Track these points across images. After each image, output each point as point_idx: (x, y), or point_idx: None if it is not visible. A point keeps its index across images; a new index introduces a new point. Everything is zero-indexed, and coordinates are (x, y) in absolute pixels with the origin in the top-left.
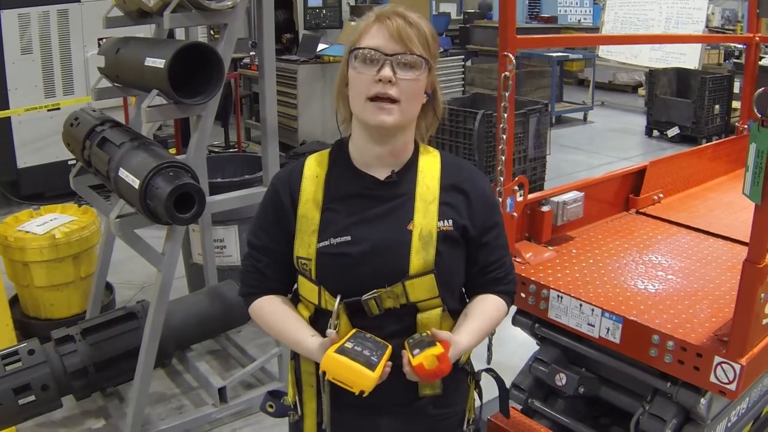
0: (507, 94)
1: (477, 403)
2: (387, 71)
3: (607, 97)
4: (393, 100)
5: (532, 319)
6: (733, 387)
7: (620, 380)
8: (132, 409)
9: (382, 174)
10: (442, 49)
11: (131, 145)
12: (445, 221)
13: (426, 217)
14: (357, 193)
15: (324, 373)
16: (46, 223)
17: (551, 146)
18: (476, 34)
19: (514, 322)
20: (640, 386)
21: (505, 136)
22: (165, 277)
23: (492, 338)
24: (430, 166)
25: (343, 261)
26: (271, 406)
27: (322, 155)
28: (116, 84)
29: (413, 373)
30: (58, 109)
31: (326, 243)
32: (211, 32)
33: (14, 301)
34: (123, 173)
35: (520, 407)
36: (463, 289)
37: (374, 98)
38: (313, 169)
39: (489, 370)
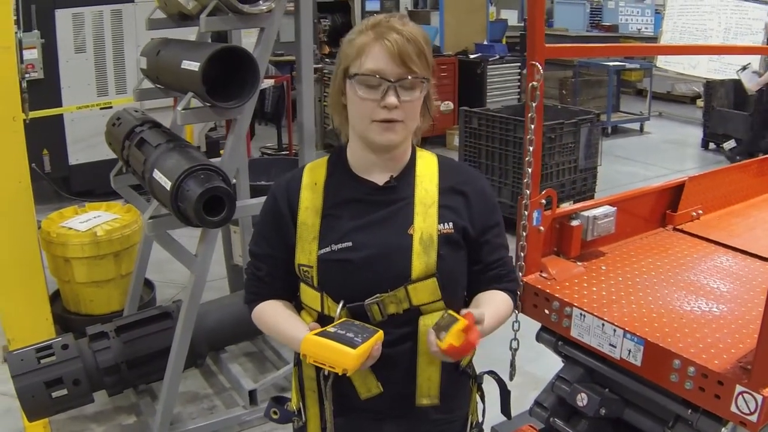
0: (534, 104)
1: (480, 406)
2: (392, 99)
3: (665, 107)
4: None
5: (556, 336)
6: (754, 418)
7: (643, 403)
8: (161, 407)
9: (380, 179)
10: (497, 56)
11: (167, 146)
12: (446, 224)
13: (426, 221)
14: (356, 198)
15: (328, 376)
16: (89, 221)
17: (606, 157)
18: None
19: (538, 339)
20: (663, 411)
21: (531, 148)
22: (197, 279)
23: (515, 353)
24: (428, 169)
25: (345, 267)
26: (275, 413)
27: (320, 162)
28: (158, 85)
29: (444, 355)
30: (110, 107)
31: (327, 249)
32: None
33: (56, 296)
34: (157, 174)
35: (541, 425)
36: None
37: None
38: (312, 176)
39: (490, 373)
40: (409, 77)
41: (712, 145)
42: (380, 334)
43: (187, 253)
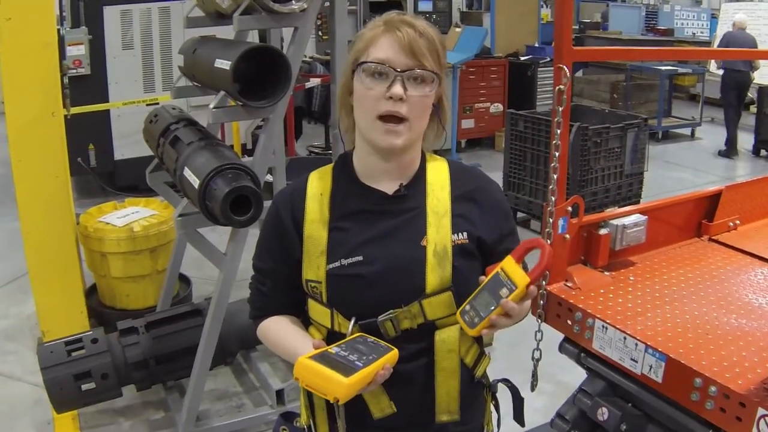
0: (561, 109)
1: (494, 415)
2: (398, 89)
3: (718, 113)
4: (402, 119)
5: (579, 348)
6: None
7: (666, 421)
8: (187, 403)
9: (389, 188)
10: (548, 59)
11: (198, 144)
12: (460, 234)
13: (439, 232)
14: (364, 209)
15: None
16: (127, 216)
17: (655, 162)
18: (589, 44)
19: (561, 350)
20: (685, 430)
21: (557, 153)
22: (226, 278)
23: (538, 364)
24: (438, 177)
25: (356, 282)
26: (285, 430)
27: (325, 171)
28: (194, 83)
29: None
30: (157, 104)
31: (337, 264)
32: (319, 33)
33: (93, 290)
34: (187, 172)
35: None
36: None
37: (383, 116)
38: (317, 186)
39: (504, 380)
40: (419, 70)
41: (763, 152)
42: (393, 353)
43: (217, 251)
